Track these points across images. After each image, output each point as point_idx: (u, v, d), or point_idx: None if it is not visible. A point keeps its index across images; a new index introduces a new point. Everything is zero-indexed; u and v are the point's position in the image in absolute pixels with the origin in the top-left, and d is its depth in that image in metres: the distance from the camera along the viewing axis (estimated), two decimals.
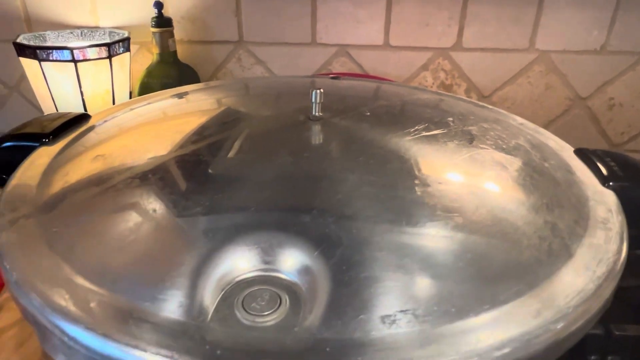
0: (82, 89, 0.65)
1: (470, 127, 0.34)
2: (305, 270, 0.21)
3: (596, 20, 0.72)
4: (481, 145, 0.31)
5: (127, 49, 0.69)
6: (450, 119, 0.35)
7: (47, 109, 0.68)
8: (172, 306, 0.20)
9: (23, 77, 0.76)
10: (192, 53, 0.76)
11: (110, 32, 0.71)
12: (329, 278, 0.21)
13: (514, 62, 0.75)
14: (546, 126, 0.80)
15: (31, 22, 0.75)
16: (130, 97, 0.74)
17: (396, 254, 0.22)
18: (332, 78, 0.47)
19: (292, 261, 0.22)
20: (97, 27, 0.74)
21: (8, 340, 0.44)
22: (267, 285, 0.21)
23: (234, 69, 0.77)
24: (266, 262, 0.22)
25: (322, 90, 0.32)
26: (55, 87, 0.65)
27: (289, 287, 0.21)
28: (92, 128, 0.36)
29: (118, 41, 0.66)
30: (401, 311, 0.19)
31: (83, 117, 0.37)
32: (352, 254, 0.22)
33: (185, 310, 0.20)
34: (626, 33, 0.73)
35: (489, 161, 0.30)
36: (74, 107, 0.66)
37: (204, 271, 0.21)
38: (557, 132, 0.80)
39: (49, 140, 0.34)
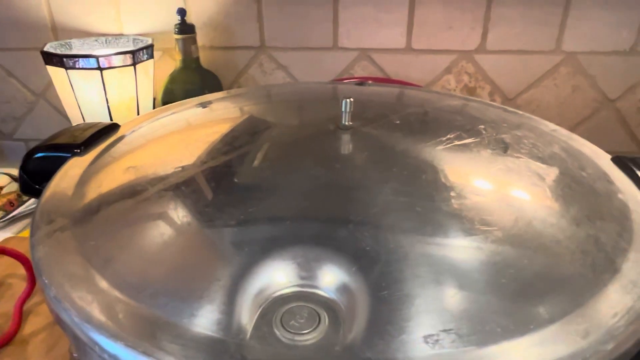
0: (107, 96, 0.66)
1: (503, 135, 0.33)
2: (343, 287, 0.21)
3: (625, 20, 0.70)
4: (516, 154, 0.31)
5: (151, 56, 0.69)
6: (482, 126, 0.34)
7: (74, 116, 0.69)
8: (209, 323, 0.20)
9: (49, 84, 0.78)
10: (215, 59, 0.76)
11: (134, 39, 0.72)
12: (368, 295, 0.20)
13: (539, 64, 0.74)
14: (573, 129, 0.78)
15: (57, 30, 0.76)
16: (154, 104, 0.74)
17: (435, 270, 0.21)
18: (357, 84, 0.46)
19: (329, 277, 0.21)
20: (121, 35, 0.75)
21: (38, 345, 0.44)
22: (304, 301, 0.21)
23: (256, 74, 0.77)
24: (303, 278, 0.21)
25: (352, 99, 0.32)
26: (81, 95, 0.66)
27: (327, 304, 0.21)
28: (121, 138, 0.36)
29: (142, 48, 0.66)
30: (444, 330, 0.19)
31: (112, 127, 0.38)
32: (391, 270, 0.21)
33: (224, 327, 0.19)
34: None
35: (525, 171, 0.29)
36: (100, 115, 0.67)
37: (241, 286, 0.21)
38: (584, 135, 0.78)
39: (80, 150, 0.34)
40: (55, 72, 0.65)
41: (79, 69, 0.63)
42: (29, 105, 0.82)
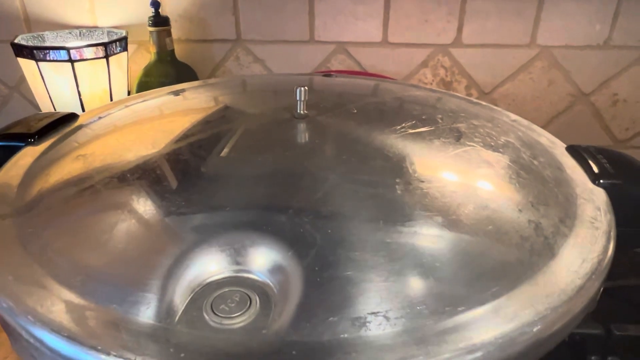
0: (79, 89, 0.65)
1: (459, 125, 0.33)
2: (278, 271, 0.21)
3: (599, 14, 0.71)
4: (468, 143, 0.31)
5: (125, 49, 0.69)
6: (440, 116, 0.34)
7: (46, 108, 0.68)
8: (141, 309, 0.19)
9: (23, 77, 0.77)
10: (190, 52, 0.76)
11: (108, 32, 0.71)
12: (301, 279, 0.20)
13: (514, 58, 0.74)
14: (549, 122, 0.78)
15: (30, 23, 0.75)
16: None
17: (371, 255, 0.21)
18: (325, 76, 0.46)
19: (265, 261, 0.21)
20: (95, 27, 0.75)
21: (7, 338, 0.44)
22: (238, 286, 0.21)
23: (233, 68, 0.77)
24: (239, 263, 0.21)
25: (306, 88, 0.31)
26: (52, 87, 0.65)
27: (260, 289, 0.21)
28: (79, 127, 0.36)
29: (115, 41, 0.66)
30: (372, 313, 0.19)
31: (71, 117, 0.37)
32: (327, 254, 0.21)
33: (155, 313, 0.19)
34: (630, 27, 0.71)
35: (475, 159, 0.29)
36: (72, 107, 0.66)
37: (175, 273, 0.21)
38: (560, 129, 0.79)
39: (34, 140, 0.34)
40: (26, 65, 0.65)
41: (49, 61, 0.63)
42: (3, 98, 0.81)
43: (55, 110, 0.67)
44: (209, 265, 0.21)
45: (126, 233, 0.23)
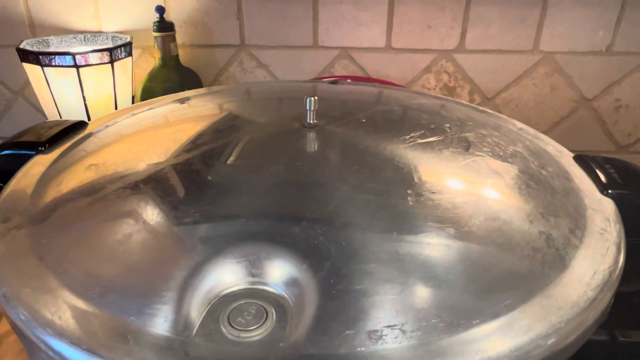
0: (84, 94, 0.65)
1: (467, 134, 0.33)
2: (293, 283, 0.21)
3: (602, 21, 0.71)
4: (477, 153, 0.31)
5: (129, 54, 0.69)
6: (448, 125, 0.35)
7: (50, 113, 0.68)
8: (158, 320, 0.20)
9: (27, 82, 0.77)
10: (195, 57, 0.76)
11: (113, 37, 0.72)
12: (317, 291, 0.21)
13: (518, 63, 0.75)
14: (552, 128, 0.79)
15: (35, 28, 0.75)
16: (133, 102, 0.74)
17: (386, 267, 0.21)
18: (331, 83, 0.47)
19: (280, 274, 0.22)
20: (100, 32, 0.75)
21: (10, 346, 0.44)
22: (254, 299, 0.21)
23: (236, 73, 0.77)
24: (254, 275, 0.22)
25: (316, 97, 0.32)
26: (57, 92, 0.65)
27: (276, 301, 0.21)
28: (89, 136, 0.36)
29: (120, 46, 0.66)
30: (388, 326, 0.19)
31: (80, 125, 0.37)
32: (341, 266, 0.21)
33: (171, 325, 0.19)
34: (632, 33, 0.72)
35: (484, 169, 0.29)
36: (77, 112, 0.67)
37: (191, 284, 0.21)
38: (563, 134, 0.79)
39: (45, 148, 0.34)
40: (31, 70, 0.65)
41: (55, 66, 0.63)
42: (7, 103, 0.81)
43: (60, 114, 0.67)
44: (225, 277, 0.21)
45: (141, 244, 0.23)
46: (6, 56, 0.76)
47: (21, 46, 0.65)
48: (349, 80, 0.72)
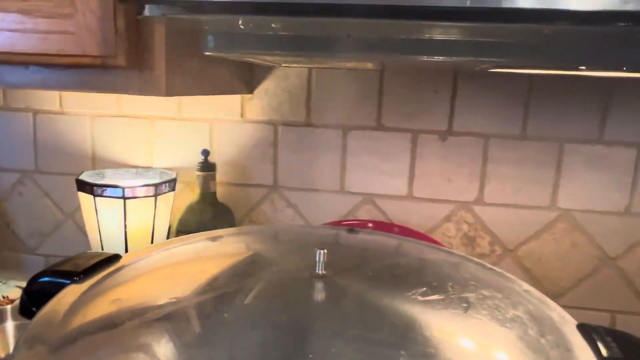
0: (126, 223, 0.71)
1: (468, 294, 0.35)
2: None
3: (617, 183, 0.74)
4: (476, 315, 0.32)
5: (173, 189, 0.76)
6: (451, 283, 0.36)
7: (93, 238, 0.74)
8: None
9: (78, 207, 0.85)
10: (230, 193, 0.83)
11: (161, 173, 0.80)
12: None
13: (536, 218, 0.77)
14: (576, 285, 0.78)
15: (96, 160, 0.86)
16: (169, 232, 0.79)
17: None
18: (348, 231, 0.50)
19: None
20: (150, 167, 0.84)
21: None
22: None
23: (267, 211, 0.83)
24: None
25: (325, 251, 0.35)
26: (103, 220, 0.72)
27: None
28: (120, 269, 0.40)
29: (165, 182, 0.74)
30: None
31: (114, 258, 0.41)
32: None
33: None
34: None
35: (480, 334, 0.30)
36: (116, 239, 0.72)
37: None
38: (588, 291, 0.77)
39: (79, 278, 0.37)
40: (84, 198, 0.72)
41: (105, 197, 0.70)
42: (57, 223, 0.88)
43: (101, 240, 0.73)
44: None
45: None
46: (66, 183, 0.86)
47: (80, 177, 0.73)
48: (370, 225, 0.76)
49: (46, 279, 0.38)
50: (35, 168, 0.87)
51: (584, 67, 0.44)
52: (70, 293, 0.35)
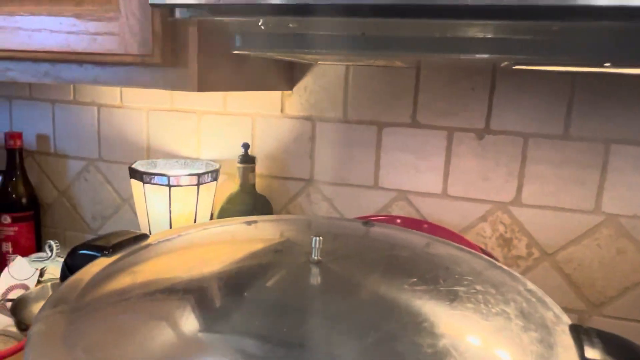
0: (171, 209, 0.77)
1: (459, 288, 0.36)
2: None
3: None
4: (458, 307, 0.33)
5: (215, 179, 0.81)
6: (444, 276, 0.37)
7: (143, 221, 0.81)
8: None
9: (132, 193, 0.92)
10: (269, 185, 0.87)
11: (207, 164, 0.86)
12: None
13: (578, 222, 0.74)
14: (621, 294, 0.74)
15: (150, 151, 0.93)
16: (211, 218, 0.85)
17: None
18: (364, 224, 0.52)
19: None
20: (197, 159, 0.90)
21: None
22: None
23: (303, 203, 0.86)
24: None
25: (321, 238, 0.37)
26: (150, 205, 0.78)
27: None
28: (146, 247, 0.44)
29: (207, 172, 0.79)
30: None
31: (143, 237, 0.46)
32: None
33: None
34: None
35: (457, 327, 0.31)
36: (162, 223, 0.78)
37: None
38: (636, 302, 0.73)
39: (108, 252, 0.42)
40: (135, 185, 0.79)
41: (153, 184, 0.77)
42: (116, 207, 0.97)
43: (149, 223, 0.79)
44: None
45: (150, 344, 0.28)
46: (125, 171, 0.94)
47: (132, 166, 0.80)
48: (398, 221, 0.77)
49: (81, 251, 0.43)
50: (98, 157, 0.96)
51: (608, 64, 0.42)
52: (98, 264, 0.40)
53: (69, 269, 0.43)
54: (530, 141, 0.74)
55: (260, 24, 0.46)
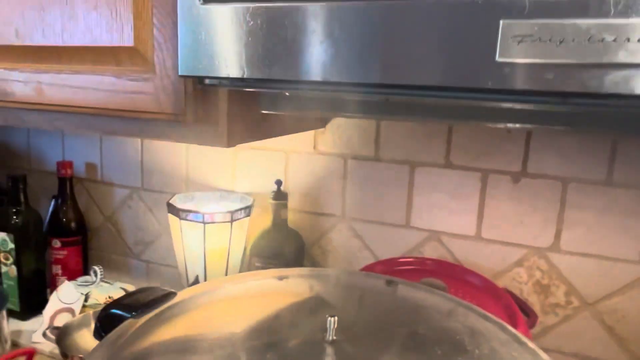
0: (205, 244, 0.80)
1: None
2: None
3: None
4: None
5: (248, 215, 0.83)
6: (460, 358, 0.36)
7: (178, 252, 0.84)
8: None
9: None
10: (302, 220, 0.88)
11: (241, 197, 0.88)
12: None
13: (623, 272, 0.70)
14: None
15: (189, 182, 0.96)
16: (244, 254, 0.87)
17: None
18: (387, 283, 0.51)
19: None
20: (232, 191, 0.92)
21: None
22: None
23: (335, 239, 0.86)
24: None
25: (336, 318, 0.37)
26: (186, 240, 0.81)
27: None
28: (171, 307, 0.46)
29: (241, 209, 0.81)
30: None
31: (169, 295, 0.48)
32: None
33: None
34: None
35: None
36: (197, 257, 0.81)
37: None
38: None
39: (136, 314, 0.44)
40: (172, 219, 0.82)
41: (189, 220, 0.79)
42: (156, 234, 1.01)
43: (184, 257, 0.82)
44: None
45: None
46: (165, 200, 0.97)
47: (171, 201, 0.83)
48: (428, 262, 0.76)
49: (112, 310, 0.45)
50: (141, 186, 1.01)
51: None
52: (127, 327, 0.42)
53: (101, 326, 0.45)
54: (570, 186, 0.71)
55: (284, 91, 0.47)
